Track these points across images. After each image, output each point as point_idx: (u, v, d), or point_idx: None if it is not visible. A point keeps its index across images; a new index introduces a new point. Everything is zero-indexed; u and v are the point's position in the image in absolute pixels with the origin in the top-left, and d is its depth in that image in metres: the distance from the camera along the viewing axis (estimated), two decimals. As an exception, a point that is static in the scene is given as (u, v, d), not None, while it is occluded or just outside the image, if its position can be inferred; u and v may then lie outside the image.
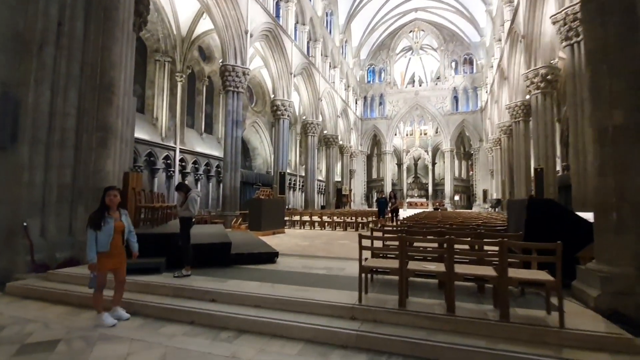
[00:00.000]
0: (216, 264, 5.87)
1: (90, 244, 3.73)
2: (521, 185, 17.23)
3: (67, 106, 6.40)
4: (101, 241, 3.73)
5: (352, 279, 5.05)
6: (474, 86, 33.24)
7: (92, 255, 3.71)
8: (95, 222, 3.75)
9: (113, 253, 3.80)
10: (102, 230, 3.73)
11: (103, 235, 3.73)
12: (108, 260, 3.79)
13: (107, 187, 3.99)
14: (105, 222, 3.75)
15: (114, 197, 3.87)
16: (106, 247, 3.74)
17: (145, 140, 14.26)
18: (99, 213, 3.82)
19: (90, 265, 3.72)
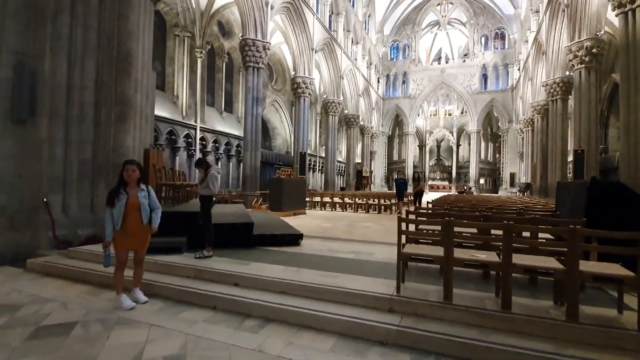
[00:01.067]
0: (238, 245, 5.62)
1: (106, 221, 3.50)
2: (556, 168, 16.16)
3: (84, 78, 6.15)
4: (115, 218, 3.49)
5: (384, 265, 4.69)
6: (504, 63, 31.23)
7: (107, 232, 3.49)
8: (109, 198, 3.50)
9: (129, 232, 3.54)
10: (115, 207, 3.47)
11: (116, 213, 3.49)
12: (123, 239, 3.55)
13: (126, 160, 3.69)
14: (119, 198, 3.48)
15: (132, 172, 3.57)
16: (117, 225, 3.49)
17: (166, 118, 14.11)
18: (115, 189, 3.55)
19: (103, 243, 3.50)
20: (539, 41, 19.17)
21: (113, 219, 3.48)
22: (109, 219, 3.48)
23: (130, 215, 3.54)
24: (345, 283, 3.77)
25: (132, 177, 3.57)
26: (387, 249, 5.87)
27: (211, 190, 4.86)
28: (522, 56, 25.52)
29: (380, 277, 4.07)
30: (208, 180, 4.86)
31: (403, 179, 13.45)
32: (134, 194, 3.59)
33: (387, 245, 6.33)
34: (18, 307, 3.65)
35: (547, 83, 16.55)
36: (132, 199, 3.56)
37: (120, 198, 3.49)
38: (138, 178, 3.67)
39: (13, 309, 3.60)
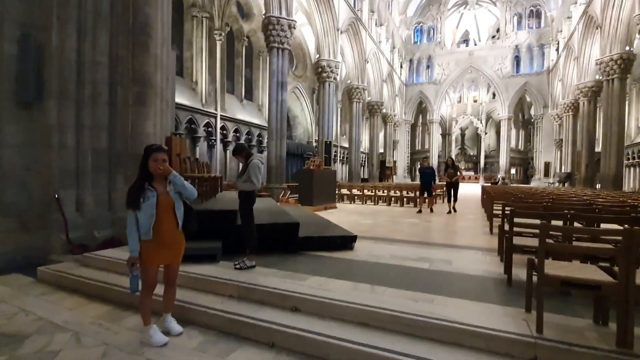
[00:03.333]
0: (280, 249, 4.67)
1: (129, 230, 2.54)
2: (611, 156, 14.54)
3: (97, 53, 5.23)
4: (143, 224, 2.53)
5: (475, 280, 3.62)
6: (540, 43, 28.98)
7: (131, 244, 2.53)
8: (132, 198, 2.53)
9: (162, 241, 2.58)
10: (141, 209, 2.50)
11: (144, 216, 2.52)
12: (156, 252, 2.59)
13: (150, 146, 2.69)
14: (145, 197, 2.51)
15: (162, 161, 2.59)
16: (148, 234, 2.52)
17: (185, 105, 13.25)
18: (136, 185, 2.58)
19: (129, 259, 2.54)
20: (589, 14, 17.27)
21: (139, 225, 2.53)
22: (133, 226, 2.53)
23: (164, 219, 2.58)
24: (447, 311, 2.73)
25: (164, 169, 2.59)
26: (462, 255, 4.81)
27: (254, 184, 3.86)
28: (564, 34, 23.41)
29: (486, 299, 3.04)
30: (250, 172, 3.86)
31: (430, 169, 10.55)
32: (163, 190, 2.62)
33: (456, 249, 5.27)
34: (22, 338, 2.81)
35: (603, 60, 14.81)
36: (163, 197, 2.59)
37: (148, 196, 2.52)
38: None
39: (16, 341, 2.76)
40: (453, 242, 5.80)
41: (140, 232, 2.53)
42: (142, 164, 2.60)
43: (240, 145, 4.26)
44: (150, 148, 2.64)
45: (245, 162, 4.00)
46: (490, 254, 4.90)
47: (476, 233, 6.77)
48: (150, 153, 2.59)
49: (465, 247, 5.38)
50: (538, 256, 2.47)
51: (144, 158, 2.61)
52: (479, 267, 4.17)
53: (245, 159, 4.00)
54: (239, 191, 4.00)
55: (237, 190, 4.03)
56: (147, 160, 2.58)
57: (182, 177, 2.74)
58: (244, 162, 4.02)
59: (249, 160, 3.95)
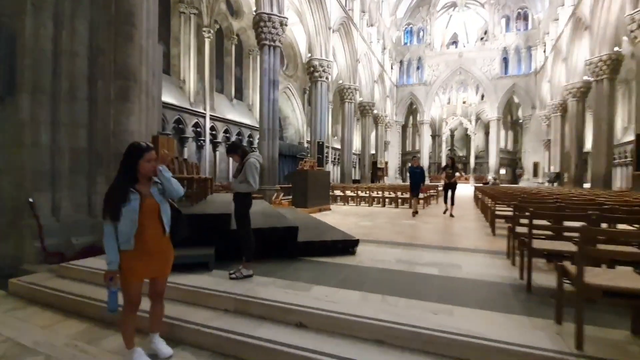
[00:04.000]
0: (278, 255, 4.33)
1: (106, 240, 2.16)
2: (601, 156, 14.66)
3: (75, 43, 4.80)
4: (122, 232, 2.14)
5: (490, 286, 3.35)
6: (527, 45, 29.35)
7: (109, 255, 2.15)
8: (113, 207, 2.12)
9: (146, 251, 2.20)
10: (120, 217, 2.13)
11: (124, 223, 2.13)
12: (139, 264, 2.21)
13: (139, 145, 2.26)
14: (127, 200, 2.13)
15: (155, 162, 2.22)
16: (129, 243, 2.15)
17: (172, 104, 12.76)
18: (118, 187, 2.18)
19: (106, 273, 2.16)
20: (577, 16, 17.47)
21: (118, 234, 2.15)
22: (111, 234, 2.15)
23: (148, 225, 2.21)
24: (471, 325, 2.44)
25: (154, 170, 2.23)
26: (470, 259, 4.56)
27: (251, 185, 3.51)
28: (551, 36, 23.72)
29: (508, 310, 2.79)
30: (246, 172, 3.50)
31: (420, 168, 9.82)
32: (147, 192, 2.25)
33: (462, 252, 5.02)
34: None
35: (592, 61, 14.95)
36: (149, 200, 2.22)
37: (131, 200, 2.14)
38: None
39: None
40: (457, 244, 5.55)
41: (119, 241, 2.15)
42: (127, 165, 2.19)
43: (236, 143, 3.90)
44: (141, 147, 2.22)
45: (241, 162, 3.64)
46: (498, 257, 4.67)
47: (478, 235, 6.55)
48: (142, 153, 2.18)
49: (471, 250, 5.14)
50: (577, 263, 2.20)
51: (131, 159, 2.19)
52: (490, 271, 3.92)
53: (241, 158, 3.65)
54: (234, 193, 3.64)
55: (232, 192, 3.67)
56: (135, 161, 2.17)
57: (175, 177, 2.39)
58: (239, 162, 3.66)
59: (245, 159, 3.60)
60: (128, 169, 2.19)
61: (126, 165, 2.20)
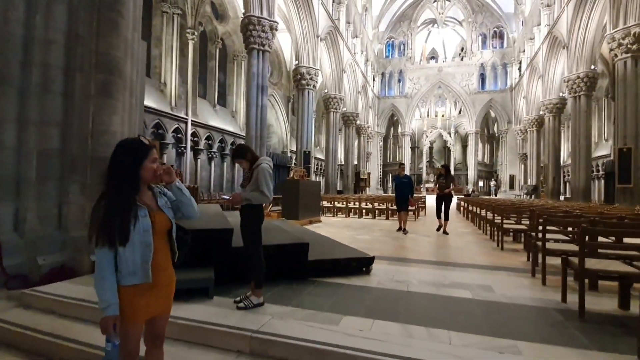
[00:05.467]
0: (286, 277, 3.79)
1: (103, 273, 1.49)
2: (580, 169, 15.12)
3: (51, 29, 4.13)
4: (129, 261, 1.52)
5: (541, 314, 2.97)
6: (503, 62, 30.58)
7: (106, 294, 1.49)
8: (119, 223, 1.48)
9: (155, 283, 1.59)
10: (127, 241, 1.52)
11: (132, 249, 1.52)
12: (142, 302, 1.58)
13: (138, 141, 1.63)
14: (136, 219, 1.53)
15: (158, 165, 1.63)
16: (137, 276, 1.53)
17: (152, 108, 11.93)
18: (122, 198, 1.53)
19: (105, 319, 1.49)
20: (554, 35, 18.25)
21: (120, 263, 1.52)
22: (109, 266, 1.50)
23: (158, 249, 1.61)
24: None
25: (155, 174, 1.62)
26: (495, 278, 4.22)
27: (265, 195, 2.96)
28: (526, 54, 24.78)
29: (578, 344, 2.42)
30: (259, 180, 2.95)
31: (408, 177, 8.52)
32: (154, 205, 1.65)
33: (481, 270, 4.70)
34: None
35: (570, 78, 15.54)
36: (158, 215, 1.63)
37: (139, 217, 1.54)
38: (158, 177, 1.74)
39: None
40: (470, 261, 5.21)
41: (121, 274, 1.55)
42: (129, 168, 1.55)
43: (243, 146, 3.33)
44: (144, 144, 1.62)
45: (249, 168, 3.10)
46: (522, 275, 4.37)
47: (485, 249, 6.27)
48: (147, 152, 1.58)
49: (489, 268, 4.81)
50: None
51: (134, 159, 1.55)
52: (525, 293, 3.57)
53: (250, 163, 3.11)
54: (242, 205, 3.08)
55: (240, 204, 3.11)
56: (140, 162, 1.57)
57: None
58: (247, 168, 3.12)
59: (256, 164, 3.06)
60: (131, 174, 1.57)
61: (128, 167, 1.59)
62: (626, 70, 11.10)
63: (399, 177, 8.45)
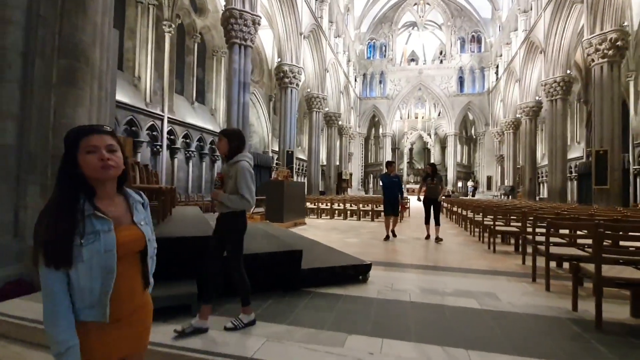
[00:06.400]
0: (278, 286, 3.45)
1: (52, 305, 1.06)
2: (557, 171, 15.57)
3: (8, 7, 3.60)
4: (85, 290, 1.08)
5: (556, 325, 2.77)
6: (481, 66, 31.34)
7: (61, 334, 1.05)
8: (58, 242, 1.05)
9: (118, 318, 1.16)
10: (82, 260, 1.08)
11: (88, 274, 1.08)
12: (106, 341, 1.15)
13: (88, 127, 1.17)
14: (89, 233, 1.09)
15: (111, 154, 1.14)
16: (97, 310, 1.10)
17: (125, 103, 11.17)
18: (62, 207, 1.09)
19: None
20: (531, 40, 18.76)
21: (75, 293, 1.09)
22: (61, 297, 1.07)
23: (124, 274, 1.16)
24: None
25: (114, 169, 1.16)
26: (497, 284, 4.04)
27: (246, 200, 2.46)
28: (503, 58, 25.45)
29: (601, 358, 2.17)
30: (239, 181, 2.43)
31: (397, 177, 7.65)
32: (123, 215, 1.22)
33: (481, 275, 4.53)
34: None
35: (547, 82, 15.98)
36: (126, 230, 1.19)
37: (97, 231, 1.10)
38: (122, 174, 1.23)
39: None
40: (467, 265, 5.04)
41: (77, 307, 1.14)
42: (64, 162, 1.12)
43: (238, 131, 2.68)
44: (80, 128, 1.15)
45: (226, 158, 2.52)
46: (523, 280, 4.23)
47: (477, 252, 6.14)
48: (78, 138, 1.11)
49: (487, 272, 4.65)
50: None
51: (66, 149, 1.12)
52: (533, 301, 3.39)
53: (230, 152, 2.50)
54: (222, 213, 2.55)
55: (218, 211, 2.61)
56: (71, 153, 1.11)
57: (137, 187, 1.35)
58: (225, 154, 2.51)
59: (234, 160, 2.48)
60: (65, 170, 1.11)
61: (63, 162, 1.12)
62: (602, 75, 11.44)
63: (389, 176, 7.42)
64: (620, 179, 11.33)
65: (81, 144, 1.11)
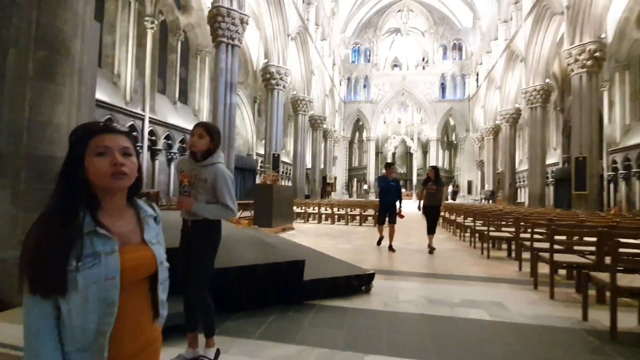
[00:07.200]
0: (277, 301, 3.21)
1: (36, 336, 0.82)
2: (537, 176, 16.02)
3: (-30, -11, 3.19)
4: (74, 329, 0.84)
5: (568, 336, 2.67)
6: (462, 74, 32.13)
7: None
8: (48, 263, 0.82)
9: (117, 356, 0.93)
10: (76, 288, 0.83)
11: (83, 308, 0.84)
12: None
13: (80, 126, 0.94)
14: (90, 252, 0.85)
15: (125, 158, 0.91)
16: (97, 358, 0.86)
17: (104, 102, 10.58)
18: (52, 221, 0.85)
19: None
20: (512, 49, 19.33)
21: (65, 327, 0.84)
22: (46, 330, 0.83)
23: (128, 306, 0.91)
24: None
25: (127, 178, 0.92)
26: (501, 292, 3.96)
27: (231, 209, 2.12)
28: (484, 66, 26.16)
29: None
30: (220, 187, 2.08)
31: (396, 181, 6.69)
32: (129, 229, 0.96)
33: (482, 283, 4.44)
34: None
35: (527, 90, 16.45)
36: (138, 253, 0.95)
37: (97, 252, 0.86)
38: (135, 182, 0.98)
39: None
40: (466, 272, 4.95)
41: (66, 349, 0.88)
42: (66, 168, 0.89)
43: (217, 127, 2.29)
44: (87, 127, 0.94)
45: (197, 161, 2.11)
46: (525, 287, 4.18)
47: (472, 258, 6.10)
48: (87, 138, 0.89)
49: (487, 280, 4.57)
50: None
51: (70, 152, 0.90)
52: (541, 311, 3.33)
53: (206, 152, 2.11)
54: (191, 221, 2.12)
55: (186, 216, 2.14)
56: (77, 157, 0.89)
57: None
58: (200, 150, 2.09)
59: (209, 161, 2.10)
60: (67, 178, 0.89)
61: (65, 168, 0.90)
62: (581, 84, 11.84)
63: (387, 180, 6.53)
64: (598, 185, 11.73)
65: (91, 143, 0.89)
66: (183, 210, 2.09)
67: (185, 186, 2.03)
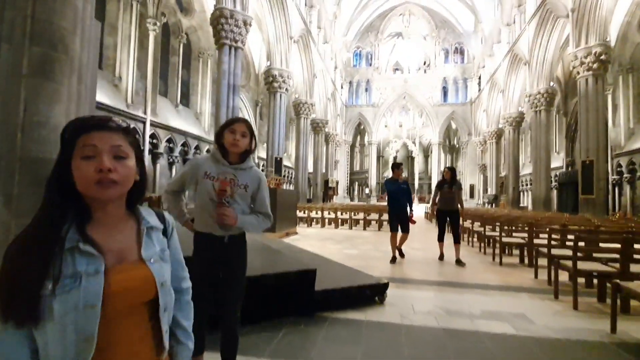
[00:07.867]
0: (286, 312, 3.00)
1: None
2: (541, 180, 15.83)
3: (-37, -19, 3.03)
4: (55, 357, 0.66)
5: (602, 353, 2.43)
6: (464, 77, 32.03)
7: None
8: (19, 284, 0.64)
9: None
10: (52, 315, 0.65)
11: (59, 336, 0.65)
12: None
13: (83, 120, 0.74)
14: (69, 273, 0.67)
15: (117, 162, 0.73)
16: None
17: (104, 104, 10.42)
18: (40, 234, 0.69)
19: None
20: (515, 53, 19.22)
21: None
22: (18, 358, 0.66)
23: (121, 339, 0.73)
24: None
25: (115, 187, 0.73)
26: (523, 303, 3.76)
27: (270, 219, 1.87)
28: (486, 70, 26.05)
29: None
30: (264, 196, 1.85)
31: (406, 183, 5.99)
32: (125, 244, 0.77)
33: (499, 292, 4.24)
34: None
35: (531, 94, 16.31)
36: (123, 269, 0.74)
37: (77, 270, 0.67)
38: (137, 187, 0.80)
39: None
40: (481, 280, 4.74)
41: None
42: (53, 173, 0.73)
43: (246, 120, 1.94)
44: (78, 121, 0.75)
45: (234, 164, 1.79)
46: (545, 297, 3.98)
47: (484, 265, 5.90)
48: (76, 134, 0.72)
49: (504, 288, 4.36)
50: None
51: (61, 151, 0.74)
52: (567, 323, 3.13)
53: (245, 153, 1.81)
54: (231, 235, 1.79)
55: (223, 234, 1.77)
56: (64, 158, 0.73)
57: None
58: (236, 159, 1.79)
59: (248, 164, 1.82)
60: (53, 184, 0.73)
61: (52, 172, 0.74)
62: (587, 87, 11.69)
63: (396, 183, 5.81)
64: (605, 189, 11.54)
65: (79, 142, 0.73)
66: (225, 225, 1.71)
67: (227, 198, 1.71)
